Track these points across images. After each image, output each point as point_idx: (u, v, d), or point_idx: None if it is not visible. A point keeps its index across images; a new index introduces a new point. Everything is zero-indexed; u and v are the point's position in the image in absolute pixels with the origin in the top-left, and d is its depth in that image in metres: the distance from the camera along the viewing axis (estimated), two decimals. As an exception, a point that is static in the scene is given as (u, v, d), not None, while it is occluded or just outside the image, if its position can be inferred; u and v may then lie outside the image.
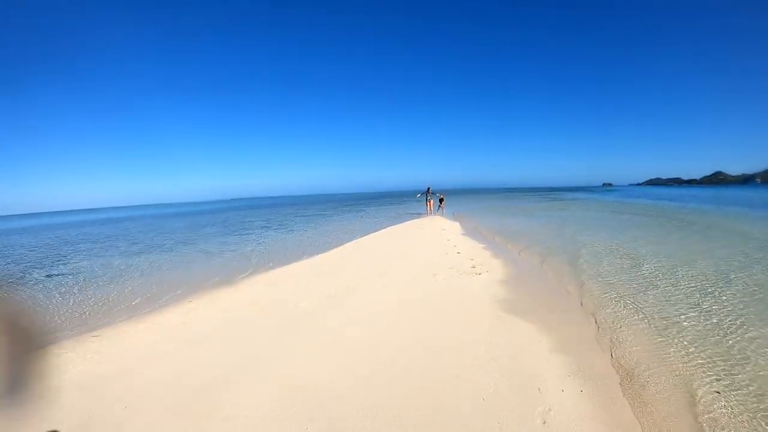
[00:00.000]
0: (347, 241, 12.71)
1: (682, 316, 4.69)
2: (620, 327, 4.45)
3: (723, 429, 2.66)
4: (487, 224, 16.39)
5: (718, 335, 4.12)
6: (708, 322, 4.48)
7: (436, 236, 12.54)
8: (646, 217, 17.67)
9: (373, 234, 14.23)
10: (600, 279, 6.59)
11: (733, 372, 3.37)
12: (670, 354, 3.73)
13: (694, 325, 4.43)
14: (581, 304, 5.34)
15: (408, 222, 18.30)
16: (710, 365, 3.49)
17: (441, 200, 23.49)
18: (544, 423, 2.72)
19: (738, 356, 3.65)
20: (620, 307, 5.14)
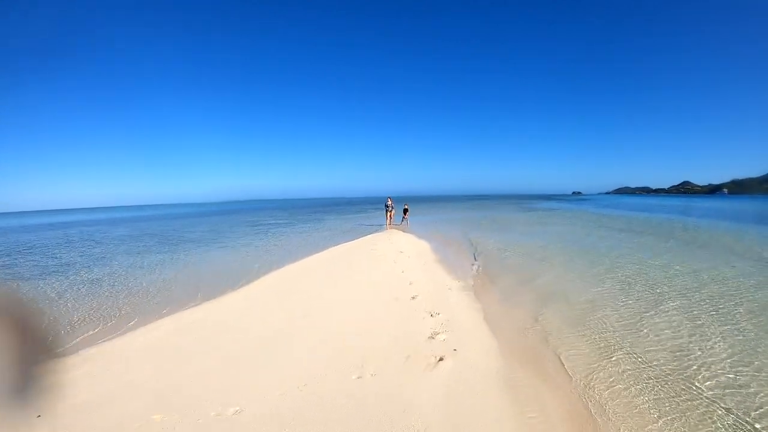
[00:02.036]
0: (272, 269, 9.61)
1: None
2: None
3: None
4: (458, 243, 13.66)
5: None
6: None
7: (388, 264, 9.58)
8: (635, 234, 15.60)
9: (310, 258, 11.10)
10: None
11: None
12: None
13: None
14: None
15: (361, 239, 15.27)
16: None
17: (405, 210, 20.69)
18: None
19: None
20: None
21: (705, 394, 3.41)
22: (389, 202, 20.79)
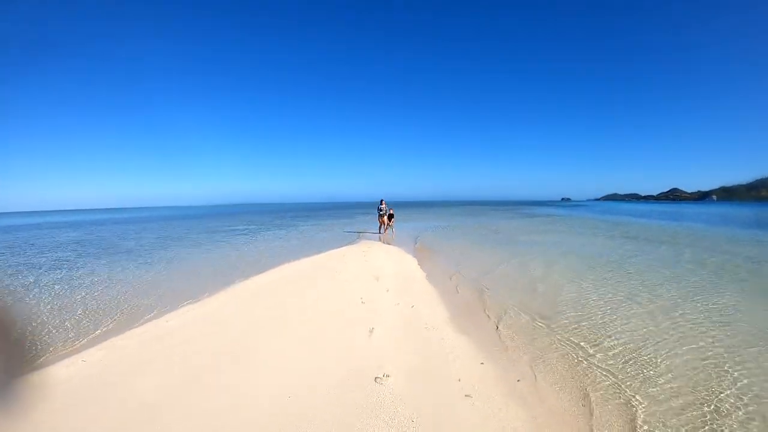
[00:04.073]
0: (163, 312, 5.63)
1: None
2: None
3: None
4: (458, 261, 9.77)
5: None
6: None
7: (353, 306, 5.63)
8: (666, 245, 11.91)
9: (228, 293, 7.10)
10: None
11: None
12: None
13: None
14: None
15: (328, 253, 11.25)
16: None
17: (390, 217, 16.78)
18: None
19: None
20: None
21: None
22: (382, 206, 16.91)
